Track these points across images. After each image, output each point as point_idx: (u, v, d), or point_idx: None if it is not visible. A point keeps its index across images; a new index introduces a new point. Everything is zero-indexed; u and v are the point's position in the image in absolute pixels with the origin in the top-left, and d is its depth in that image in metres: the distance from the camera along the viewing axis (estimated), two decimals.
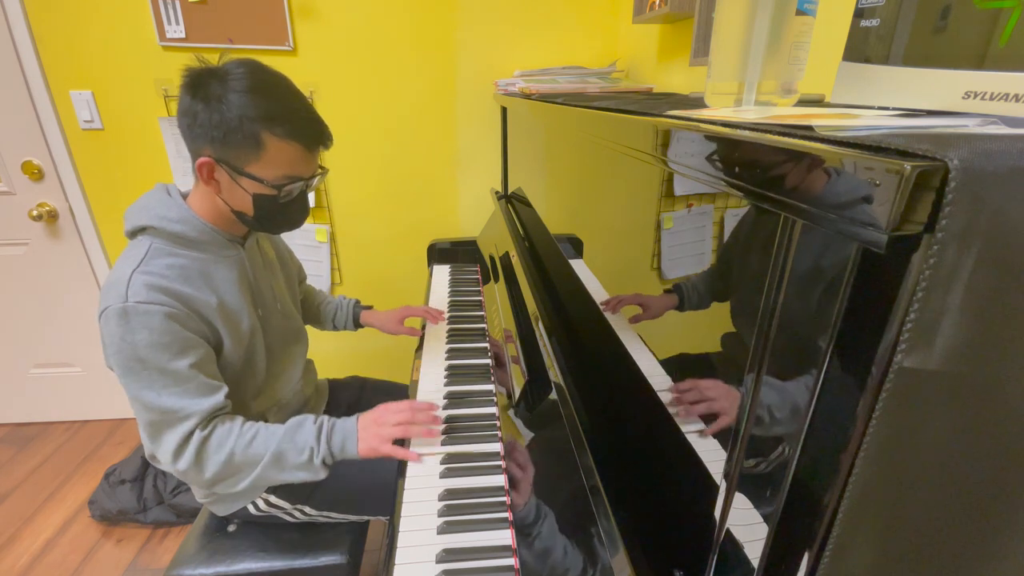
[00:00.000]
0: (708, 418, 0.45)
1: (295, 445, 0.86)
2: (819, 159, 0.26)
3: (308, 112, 0.82)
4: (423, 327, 1.33)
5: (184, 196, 0.89)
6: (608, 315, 0.71)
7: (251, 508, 1.00)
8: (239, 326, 0.90)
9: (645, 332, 0.59)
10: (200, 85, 0.77)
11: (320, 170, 0.88)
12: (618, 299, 0.68)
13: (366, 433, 0.89)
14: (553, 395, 0.79)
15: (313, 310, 1.30)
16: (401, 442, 0.90)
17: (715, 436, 0.43)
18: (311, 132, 0.82)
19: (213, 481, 0.85)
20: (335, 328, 1.31)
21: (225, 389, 0.85)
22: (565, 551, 0.65)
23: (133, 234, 0.85)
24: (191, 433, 0.81)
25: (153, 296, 0.77)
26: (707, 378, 0.46)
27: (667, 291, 0.54)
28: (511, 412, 0.94)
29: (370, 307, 1.33)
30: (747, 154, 0.32)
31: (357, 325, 1.31)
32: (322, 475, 0.88)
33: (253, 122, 0.77)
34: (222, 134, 0.77)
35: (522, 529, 0.75)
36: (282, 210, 0.86)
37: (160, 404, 0.79)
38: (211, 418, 0.83)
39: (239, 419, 0.87)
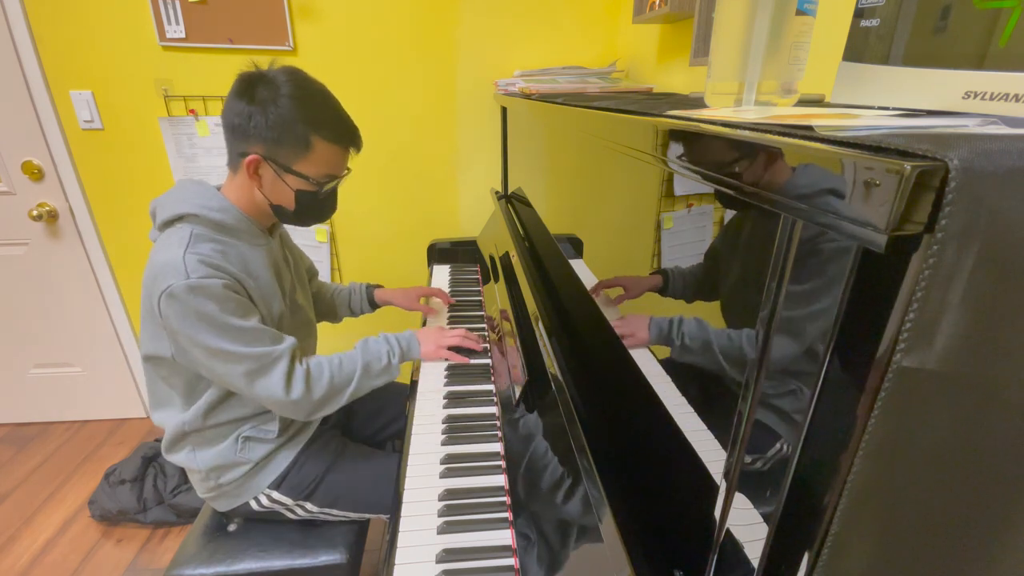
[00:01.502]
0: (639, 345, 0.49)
1: (374, 355, 1.02)
2: (819, 159, 0.26)
3: (348, 117, 0.92)
4: (424, 320, 1.36)
5: (216, 188, 0.93)
6: (608, 315, 0.71)
7: (253, 504, 1.00)
8: (272, 307, 0.95)
9: None
10: (251, 88, 0.84)
11: (347, 170, 0.96)
12: (602, 284, 0.69)
13: (427, 339, 1.09)
14: (552, 395, 0.79)
15: (328, 302, 1.32)
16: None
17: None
18: (351, 136, 0.93)
19: (321, 403, 0.95)
20: (352, 314, 1.35)
21: (290, 336, 0.93)
22: (547, 451, 0.66)
23: (170, 223, 0.88)
24: (291, 367, 0.90)
25: (210, 271, 0.83)
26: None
27: (653, 273, 0.54)
28: (511, 412, 0.94)
29: (380, 286, 1.37)
30: (747, 154, 0.32)
31: (373, 306, 1.35)
32: (396, 374, 1.04)
33: (305, 126, 0.86)
34: (276, 135, 0.85)
35: (508, 411, 0.80)
36: (319, 205, 0.96)
37: (252, 352, 0.86)
38: (295, 353, 0.92)
39: (318, 355, 1.00)
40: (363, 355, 1.00)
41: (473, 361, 1.16)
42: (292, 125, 0.85)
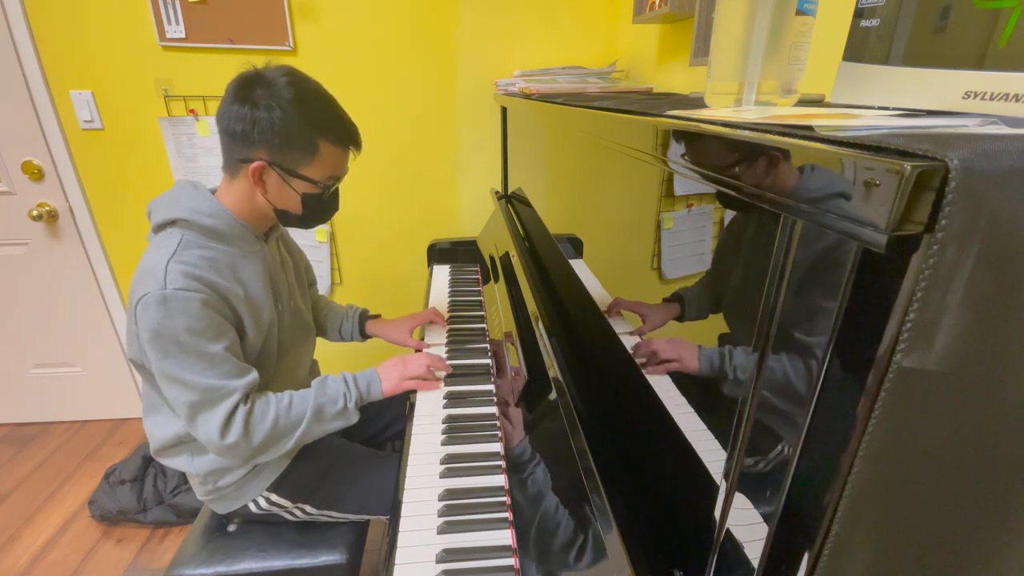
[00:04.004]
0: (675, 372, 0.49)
1: (329, 397, 0.95)
2: (819, 159, 0.26)
3: (348, 117, 0.91)
4: (423, 336, 1.33)
5: (211, 192, 0.92)
6: (608, 316, 0.71)
7: (252, 507, 1.00)
8: (261, 317, 0.93)
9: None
10: (250, 92, 0.82)
11: (345, 170, 0.95)
12: (618, 303, 0.69)
13: (388, 375, 1.01)
14: (553, 395, 0.79)
15: (320, 319, 1.28)
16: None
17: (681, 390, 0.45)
18: (353, 136, 0.92)
19: (261, 449, 0.89)
20: (341, 339, 1.29)
21: (255, 370, 0.90)
22: (557, 507, 0.66)
23: (162, 226, 0.87)
24: (235, 408, 0.85)
25: (190, 284, 0.81)
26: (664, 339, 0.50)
27: (667, 300, 0.53)
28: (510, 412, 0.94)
29: (377, 316, 1.31)
30: (747, 154, 0.32)
31: (364, 336, 1.29)
32: (355, 419, 0.98)
33: (311, 130, 0.85)
34: (281, 140, 0.83)
35: (516, 467, 0.79)
36: (324, 206, 0.94)
37: (202, 383, 0.82)
38: (248, 393, 0.88)
39: (268, 392, 0.93)
40: (316, 397, 0.94)
41: (473, 361, 1.16)
42: (298, 130, 0.83)
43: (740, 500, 0.38)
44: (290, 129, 0.83)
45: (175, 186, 0.92)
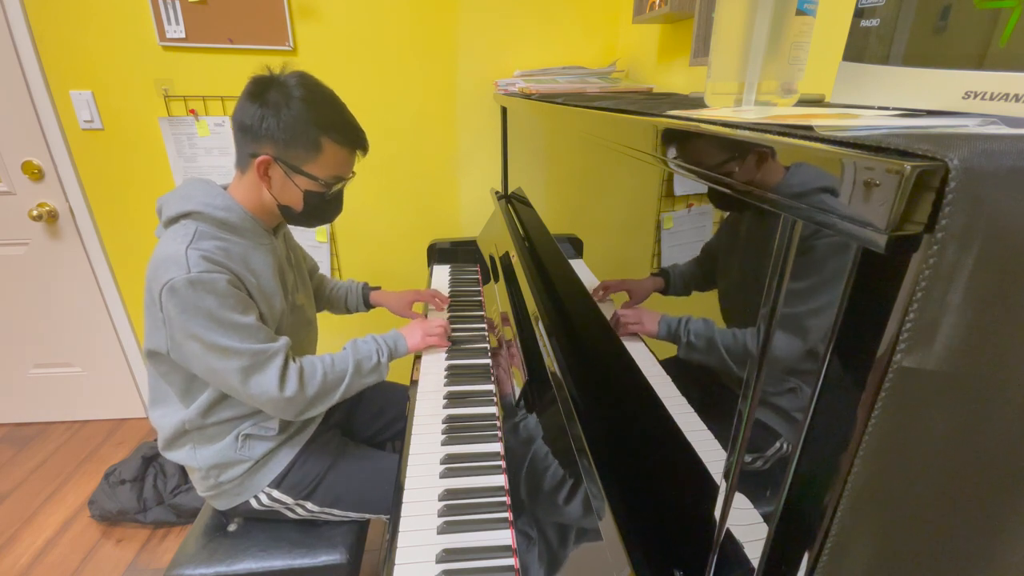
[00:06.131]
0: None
1: (364, 355, 1.02)
2: (819, 159, 0.26)
3: (355, 121, 0.96)
4: (425, 314, 1.36)
5: (223, 188, 0.95)
6: (608, 314, 0.71)
7: (253, 503, 1.01)
8: (273, 305, 0.96)
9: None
10: (263, 91, 0.87)
11: (352, 172, 0.98)
12: (605, 285, 0.69)
13: (411, 334, 1.12)
14: (553, 395, 0.79)
15: (326, 296, 1.34)
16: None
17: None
18: (358, 139, 0.96)
19: (314, 401, 0.95)
20: (348, 311, 1.37)
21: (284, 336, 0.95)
22: (547, 456, 0.67)
23: (175, 220, 0.90)
24: (286, 365, 0.92)
25: (211, 267, 0.84)
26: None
27: (654, 274, 0.54)
28: (511, 412, 0.94)
29: (378, 287, 1.40)
30: (747, 154, 0.32)
31: (368, 306, 1.38)
32: (386, 374, 1.06)
33: (316, 128, 0.88)
34: (287, 137, 0.88)
35: (509, 412, 0.84)
36: (326, 206, 0.98)
37: (249, 348, 0.87)
38: (288, 354, 0.93)
39: (308, 355, 1.00)
40: (354, 354, 1.01)
41: (473, 361, 1.16)
42: (303, 127, 0.87)
43: (740, 500, 0.38)
44: (296, 126, 0.87)
45: (186, 182, 0.94)
